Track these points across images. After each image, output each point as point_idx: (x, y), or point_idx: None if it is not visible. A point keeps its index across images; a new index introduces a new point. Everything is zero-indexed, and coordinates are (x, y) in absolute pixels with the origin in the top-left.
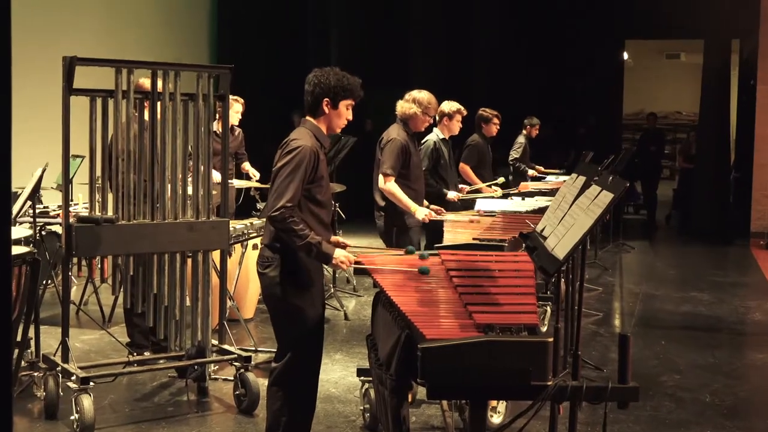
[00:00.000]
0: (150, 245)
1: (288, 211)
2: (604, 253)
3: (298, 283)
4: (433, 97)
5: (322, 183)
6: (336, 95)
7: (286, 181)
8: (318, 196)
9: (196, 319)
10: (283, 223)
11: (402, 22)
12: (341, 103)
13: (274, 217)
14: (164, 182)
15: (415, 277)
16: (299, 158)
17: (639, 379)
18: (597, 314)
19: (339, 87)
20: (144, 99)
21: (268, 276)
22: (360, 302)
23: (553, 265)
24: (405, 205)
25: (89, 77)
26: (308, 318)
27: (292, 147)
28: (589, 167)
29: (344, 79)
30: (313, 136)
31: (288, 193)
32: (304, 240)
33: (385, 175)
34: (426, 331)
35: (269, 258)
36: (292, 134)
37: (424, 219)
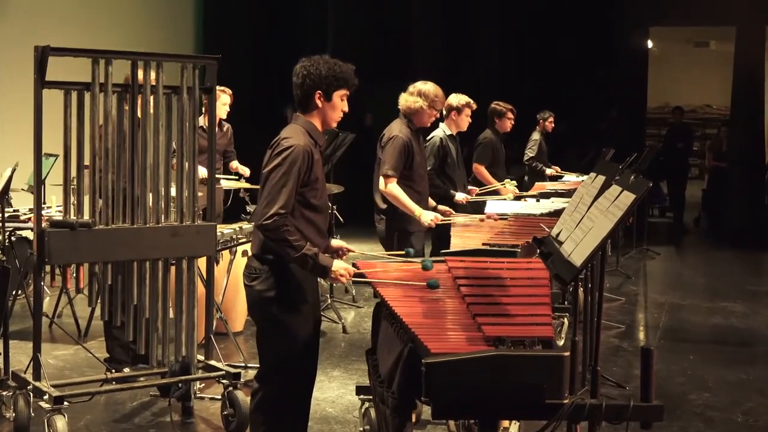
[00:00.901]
0: (130, 252)
1: (281, 219)
2: (627, 260)
3: (289, 299)
4: (440, 90)
5: (317, 186)
6: (329, 86)
7: (277, 186)
8: (313, 201)
9: (180, 332)
10: (275, 233)
11: (403, 8)
12: (335, 94)
13: (266, 225)
14: (145, 183)
15: (419, 285)
16: (291, 159)
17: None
18: (619, 326)
19: (331, 77)
20: (124, 92)
21: (255, 289)
22: (359, 314)
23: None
24: (408, 208)
25: (64, 69)
26: (299, 338)
27: (283, 147)
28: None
29: (336, 67)
30: (306, 133)
31: (280, 199)
32: (299, 252)
33: (385, 176)
34: (431, 344)
35: (257, 269)
36: (283, 132)
37: (429, 224)
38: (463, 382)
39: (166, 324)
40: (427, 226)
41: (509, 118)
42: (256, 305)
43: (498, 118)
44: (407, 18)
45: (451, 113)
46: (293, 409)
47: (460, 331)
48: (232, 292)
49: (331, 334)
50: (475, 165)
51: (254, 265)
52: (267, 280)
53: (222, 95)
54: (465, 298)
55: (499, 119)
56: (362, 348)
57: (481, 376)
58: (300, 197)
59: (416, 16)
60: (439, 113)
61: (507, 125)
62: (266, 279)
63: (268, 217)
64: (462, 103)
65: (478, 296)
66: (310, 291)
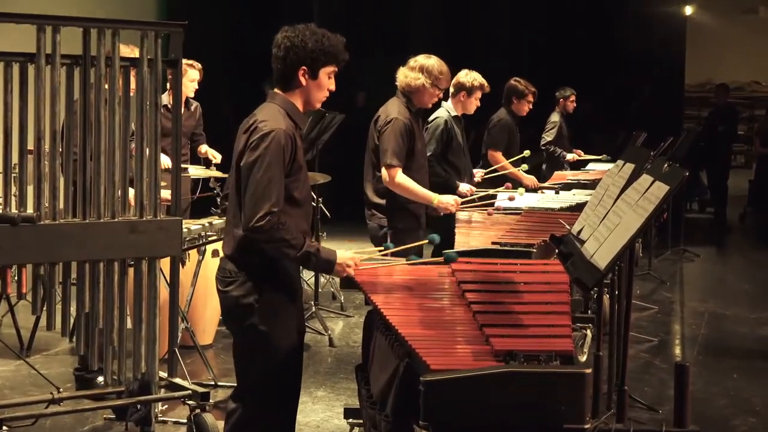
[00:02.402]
0: (81, 251)
1: (274, 218)
2: (661, 262)
3: (270, 306)
4: (445, 66)
5: (300, 176)
6: (315, 62)
7: (264, 180)
8: (295, 193)
9: (139, 345)
10: (271, 234)
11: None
12: (322, 70)
13: (260, 227)
14: (99, 171)
15: (417, 292)
16: (274, 147)
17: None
18: (651, 340)
19: (318, 50)
20: (74, 65)
21: (230, 296)
22: (349, 324)
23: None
24: (422, 196)
25: (4, 38)
26: (281, 351)
27: (263, 132)
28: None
29: (324, 39)
30: (285, 114)
31: (271, 195)
32: (300, 249)
33: (389, 166)
34: (431, 360)
35: (232, 273)
36: (258, 114)
37: (450, 208)
38: (467, 403)
39: (122, 335)
40: (449, 210)
41: (529, 101)
42: (232, 314)
43: (517, 99)
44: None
45: (460, 93)
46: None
47: (464, 344)
48: (201, 299)
49: (316, 347)
50: (491, 152)
51: (229, 268)
52: (244, 285)
53: (190, 70)
54: (471, 305)
55: (518, 100)
56: (351, 364)
57: (489, 397)
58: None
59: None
60: (442, 93)
61: (525, 108)
62: (243, 283)
63: (260, 217)
64: (475, 84)
65: (486, 304)
66: (293, 297)
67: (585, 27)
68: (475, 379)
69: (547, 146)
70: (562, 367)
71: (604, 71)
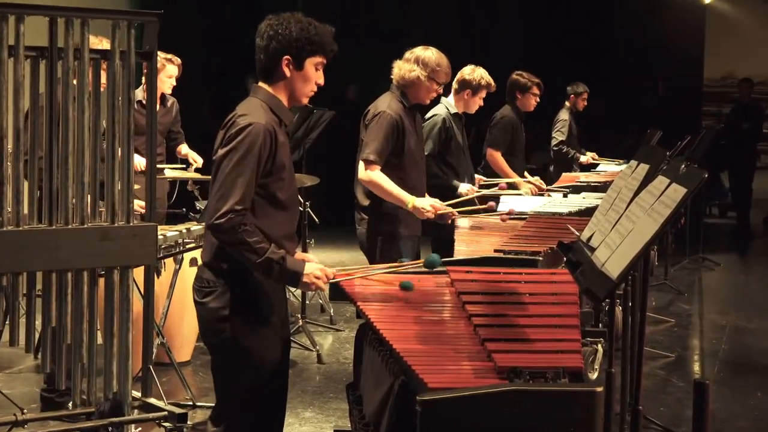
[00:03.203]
0: (47, 260)
1: (237, 217)
2: (678, 272)
3: (252, 317)
4: (444, 58)
5: (283, 175)
6: (300, 51)
7: (232, 176)
8: (278, 194)
9: (110, 362)
10: (231, 234)
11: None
12: (308, 61)
13: (219, 225)
14: (67, 173)
15: (413, 304)
16: (249, 142)
17: None
18: (667, 355)
19: (304, 39)
20: (39, 57)
21: (208, 307)
22: (339, 339)
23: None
24: (396, 197)
25: None
26: (265, 366)
27: (240, 126)
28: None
29: (310, 27)
30: (268, 109)
31: (235, 192)
32: (263, 256)
33: (366, 162)
34: (428, 377)
35: (210, 282)
36: (239, 108)
37: (427, 213)
38: (468, 425)
39: (93, 351)
40: (426, 216)
41: (534, 94)
42: (210, 327)
43: (520, 93)
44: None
45: (464, 90)
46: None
47: (465, 360)
48: (178, 312)
49: (304, 364)
50: (490, 151)
51: (206, 277)
52: (223, 296)
53: (168, 66)
54: (471, 318)
55: (522, 95)
56: (342, 382)
57: (492, 418)
58: (261, 190)
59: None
60: (441, 88)
61: (531, 103)
62: (222, 294)
63: (221, 214)
64: (481, 82)
65: (488, 316)
66: (277, 309)
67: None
68: (476, 398)
69: (560, 146)
70: (571, 385)
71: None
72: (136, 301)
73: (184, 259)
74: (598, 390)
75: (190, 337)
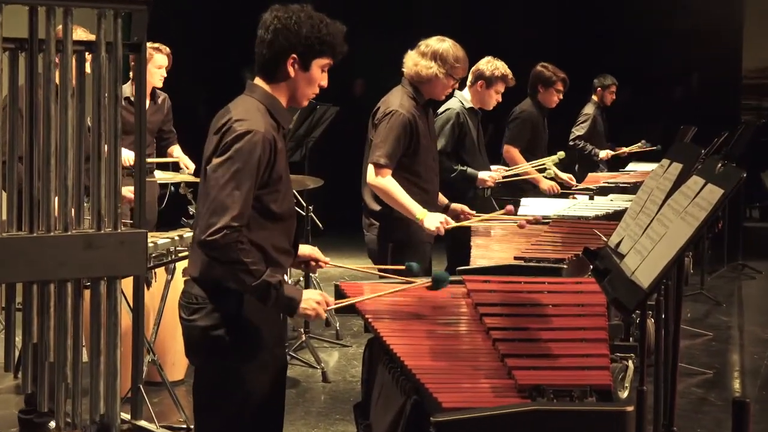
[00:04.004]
0: (28, 270)
1: (233, 234)
2: (716, 280)
3: (244, 338)
4: (462, 51)
5: (279, 187)
6: (308, 50)
7: (227, 189)
8: (273, 206)
9: (97, 381)
10: (225, 252)
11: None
12: (315, 62)
13: (212, 242)
14: (49, 175)
15: (426, 317)
16: (248, 151)
17: None
18: (705, 372)
19: (314, 38)
20: (18, 49)
21: (196, 326)
22: (345, 355)
23: (635, 296)
24: (406, 209)
25: None
26: (257, 393)
27: (237, 134)
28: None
29: (321, 26)
30: (266, 112)
31: (233, 207)
32: (259, 278)
33: (377, 165)
34: (443, 396)
35: (199, 298)
36: (234, 110)
37: (436, 230)
38: None
39: (78, 370)
40: (434, 232)
41: (558, 90)
42: (198, 348)
43: (543, 87)
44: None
45: (478, 82)
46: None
47: (483, 378)
48: (170, 326)
49: (308, 383)
50: (507, 147)
51: (194, 292)
52: (213, 313)
53: (156, 55)
54: (490, 332)
55: (545, 88)
56: (349, 402)
57: None
58: (256, 202)
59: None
60: (458, 83)
61: (553, 99)
62: (212, 311)
63: (216, 230)
64: (496, 73)
65: (508, 330)
66: (272, 327)
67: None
68: (495, 419)
69: (576, 142)
70: (599, 404)
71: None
72: (124, 315)
73: (177, 269)
74: (628, 410)
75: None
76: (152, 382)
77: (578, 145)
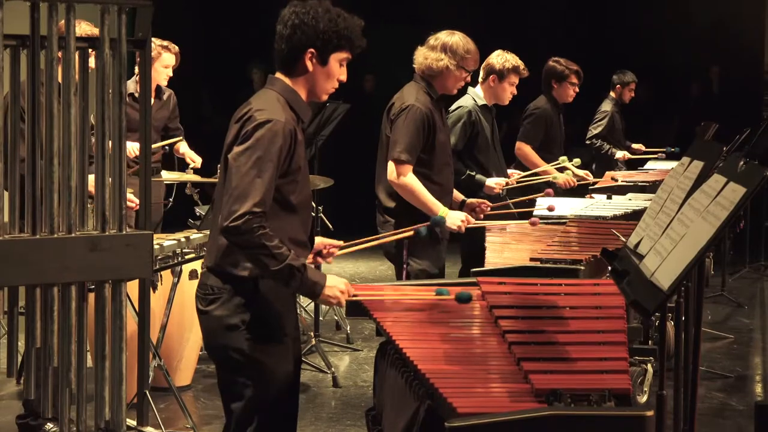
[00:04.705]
0: (31, 273)
1: (256, 220)
2: (737, 282)
3: (262, 326)
4: (472, 43)
5: (298, 177)
6: (326, 45)
7: (250, 175)
8: (291, 198)
9: (102, 386)
10: (248, 237)
11: None
12: (333, 56)
13: (235, 228)
14: (52, 176)
15: (439, 319)
16: (269, 139)
17: None
18: (726, 376)
19: (332, 32)
20: (20, 46)
21: (213, 315)
22: (357, 359)
23: (655, 298)
24: (429, 207)
25: None
26: (277, 379)
27: (258, 122)
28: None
29: (339, 19)
30: (285, 104)
31: (255, 193)
32: (283, 262)
33: (398, 162)
34: (457, 401)
35: (215, 288)
36: (255, 101)
37: (458, 227)
38: None
39: (82, 375)
40: (455, 230)
41: (572, 83)
42: (216, 338)
43: (557, 82)
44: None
45: (489, 77)
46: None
47: (498, 382)
48: (176, 330)
49: (318, 387)
50: (519, 144)
51: (211, 283)
52: (229, 303)
53: (164, 54)
54: (505, 335)
55: (558, 84)
56: (360, 407)
57: None
58: (276, 193)
59: None
60: (470, 76)
61: (568, 93)
62: (228, 301)
63: (238, 216)
64: (507, 66)
65: (523, 333)
66: (289, 318)
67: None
68: (511, 424)
69: (593, 140)
70: (617, 409)
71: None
72: (129, 319)
73: (183, 271)
74: (648, 414)
75: (191, 358)
76: (158, 387)
77: (595, 144)
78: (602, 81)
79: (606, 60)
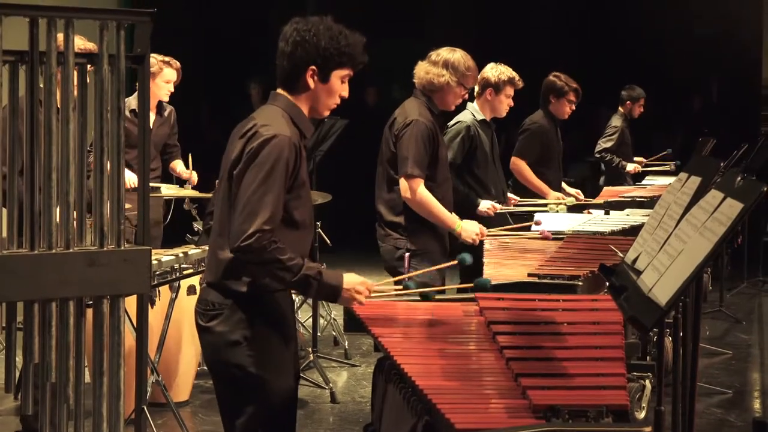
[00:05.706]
0: (29, 288)
1: (266, 236)
2: (735, 297)
3: (263, 343)
4: (472, 61)
5: (302, 193)
6: (327, 62)
7: (258, 193)
8: (295, 213)
9: (100, 402)
10: (261, 254)
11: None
12: (334, 73)
13: (246, 247)
14: (50, 191)
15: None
16: (276, 156)
17: None
18: (724, 392)
19: (333, 49)
20: (18, 62)
21: (214, 331)
22: (354, 375)
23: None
24: (444, 221)
25: None
26: (279, 395)
27: (264, 138)
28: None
29: (341, 36)
30: (289, 120)
31: (264, 211)
32: (298, 273)
33: (409, 177)
34: (455, 417)
35: (215, 304)
36: (258, 117)
37: (473, 240)
38: None
39: (80, 391)
40: (470, 243)
41: (570, 101)
42: (218, 354)
43: (555, 98)
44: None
45: (485, 91)
46: None
47: (496, 397)
48: (174, 346)
49: (315, 403)
50: (514, 159)
51: (211, 299)
52: (230, 318)
53: (165, 70)
54: (503, 351)
55: (556, 99)
56: (358, 423)
57: None
58: None
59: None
60: (467, 93)
61: (565, 110)
62: (229, 317)
63: (248, 235)
64: (502, 78)
65: (521, 349)
66: (288, 333)
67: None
68: None
69: (603, 154)
70: (615, 425)
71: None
72: (128, 335)
73: (181, 286)
74: (646, 430)
75: (189, 374)
76: (156, 403)
77: (605, 157)
78: (602, 94)
79: (606, 73)
